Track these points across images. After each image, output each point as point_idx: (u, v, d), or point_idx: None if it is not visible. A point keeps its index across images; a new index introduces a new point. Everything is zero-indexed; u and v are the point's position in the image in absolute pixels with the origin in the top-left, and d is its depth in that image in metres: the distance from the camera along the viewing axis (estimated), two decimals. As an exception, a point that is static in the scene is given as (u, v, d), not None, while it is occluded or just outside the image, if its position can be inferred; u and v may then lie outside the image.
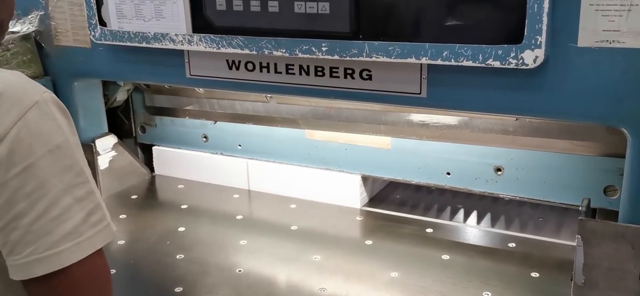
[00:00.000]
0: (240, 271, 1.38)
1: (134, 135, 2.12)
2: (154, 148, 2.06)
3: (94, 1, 1.58)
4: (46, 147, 0.77)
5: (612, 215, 1.37)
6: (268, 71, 1.48)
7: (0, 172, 0.75)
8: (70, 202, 0.78)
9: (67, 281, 0.78)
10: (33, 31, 1.77)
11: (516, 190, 1.54)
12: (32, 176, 0.76)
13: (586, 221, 1.23)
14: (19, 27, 1.78)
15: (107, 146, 1.92)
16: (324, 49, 1.34)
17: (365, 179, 1.71)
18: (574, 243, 1.22)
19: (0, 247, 0.78)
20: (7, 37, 1.76)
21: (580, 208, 1.28)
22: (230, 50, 1.44)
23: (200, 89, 1.90)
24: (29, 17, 1.79)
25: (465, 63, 1.20)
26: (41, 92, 0.79)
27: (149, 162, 2.10)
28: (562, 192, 1.50)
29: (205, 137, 1.97)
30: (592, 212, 1.43)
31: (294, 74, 1.45)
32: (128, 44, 1.57)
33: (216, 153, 1.94)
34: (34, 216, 0.76)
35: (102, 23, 1.60)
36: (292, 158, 1.81)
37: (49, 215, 0.76)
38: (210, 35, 1.46)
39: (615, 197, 1.41)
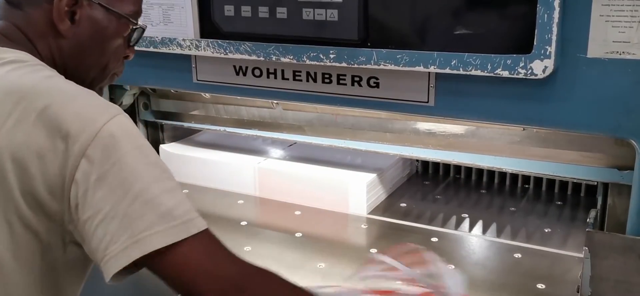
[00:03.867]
0: (244, 278, 1.38)
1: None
2: (160, 148, 2.06)
3: (102, 5, 1.58)
4: (133, 144, 0.83)
5: (625, 189, 1.35)
6: (275, 77, 1.48)
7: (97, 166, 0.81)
8: (159, 190, 0.82)
9: (163, 264, 0.82)
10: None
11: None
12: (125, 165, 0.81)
13: (594, 233, 1.22)
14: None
15: (112, 150, 1.91)
16: (331, 56, 1.33)
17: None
18: (581, 255, 1.21)
19: (98, 244, 0.81)
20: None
21: (588, 220, 1.27)
22: (238, 55, 1.44)
23: (207, 94, 1.90)
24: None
25: (474, 72, 1.20)
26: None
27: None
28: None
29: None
30: (604, 188, 1.42)
31: (301, 80, 1.45)
32: (135, 48, 1.57)
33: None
34: (129, 200, 0.80)
35: (110, 27, 1.60)
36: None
37: (142, 198, 0.80)
38: (218, 40, 1.46)
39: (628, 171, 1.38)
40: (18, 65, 0.89)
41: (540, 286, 1.31)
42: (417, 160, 1.95)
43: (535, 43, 1.14)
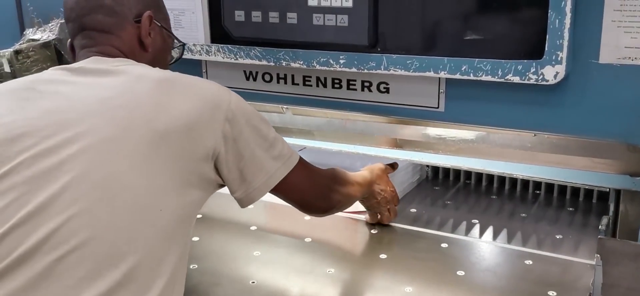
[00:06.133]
0: (253, 282, 1.38)
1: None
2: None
3: (114, 10, 1.59)
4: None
5: (637, 196, 1.34)
6: (285, 82, 1.49)
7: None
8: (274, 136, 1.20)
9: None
10: (53, 39, 1.79)
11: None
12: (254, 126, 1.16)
13: (605, 240, 1.21)
14: (39, 34, 1.80)
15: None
16: (341, 61, 1.34)
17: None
18: (593, 262, 1.20)
19: (238, 184, 1.16)
20: (27, 44, 1.78)
21: (600, 226, 1.26)
22: (248, 61, 1.45)
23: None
24: (49, 25, 1.81)
25: (484, 78, 1.20)
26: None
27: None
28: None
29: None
30: (616, 194, 1.41)
31: (311, 85, 1.45)
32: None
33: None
34: (260, 150, 1.16)
35: (121, 32, 1.61)
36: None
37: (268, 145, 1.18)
38: (229, 45, 1.46)
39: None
40: (142, 65, 1.16)
41: (551, 293, 1.30)
42: (427, 166, 1.94)
43: (546, 48, 1.13)
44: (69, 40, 1.25)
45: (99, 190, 0.98)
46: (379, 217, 1.59)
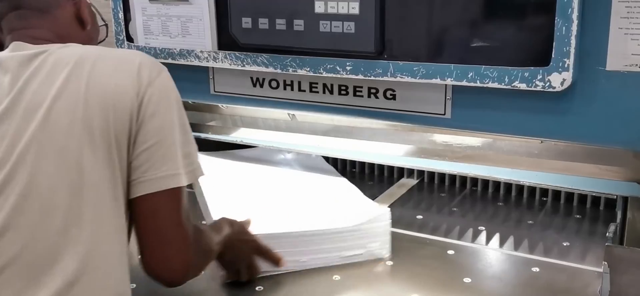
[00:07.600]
0: (259, 289, 1.38)
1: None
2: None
3: (122, 17, 1.60)
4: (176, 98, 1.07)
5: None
6: (292, 89, 1.49)
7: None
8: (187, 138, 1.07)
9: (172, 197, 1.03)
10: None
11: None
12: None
13: (613, 247, 1.21)
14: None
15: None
16: (348, 68, 1.34)
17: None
18: (600, 270, 1.19)
19: (138, 166, 1.00)
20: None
21: (607, 234, 1.26)
22: (255, 67, 1.46)
23: (224, 105, 1.91)
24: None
25: (491, 85, 1.20)
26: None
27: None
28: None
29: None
30: (623, 201, 1.40)
31: (317, 92, 1.46)
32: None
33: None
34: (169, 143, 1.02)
35: (129, 39, 1.62)
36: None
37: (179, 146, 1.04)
38: (235, 52, 1.47)
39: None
40: (68, 46, 1.05)
41: (558, 301, 1.30)
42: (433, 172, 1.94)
43: (553, 56, 1.13)
44: None
45: (39, 200, 0.93)
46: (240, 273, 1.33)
